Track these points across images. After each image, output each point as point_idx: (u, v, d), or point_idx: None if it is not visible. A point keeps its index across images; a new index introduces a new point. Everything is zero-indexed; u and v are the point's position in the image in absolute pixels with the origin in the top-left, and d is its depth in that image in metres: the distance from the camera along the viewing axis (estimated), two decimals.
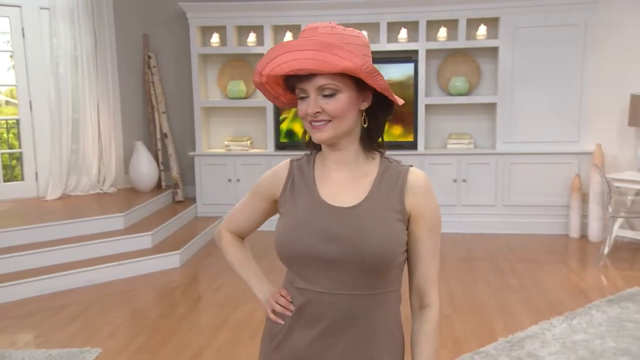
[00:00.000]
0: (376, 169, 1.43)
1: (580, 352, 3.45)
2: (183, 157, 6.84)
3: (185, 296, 4.60)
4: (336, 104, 1.34)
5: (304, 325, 1.43)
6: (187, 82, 6.72)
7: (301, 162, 1.50)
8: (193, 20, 6.45)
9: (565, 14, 5.86)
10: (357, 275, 1.37)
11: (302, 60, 1.29)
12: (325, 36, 1.31)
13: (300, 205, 1.44)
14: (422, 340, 1.43)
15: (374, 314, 1.40)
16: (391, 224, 1.37)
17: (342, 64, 1.28)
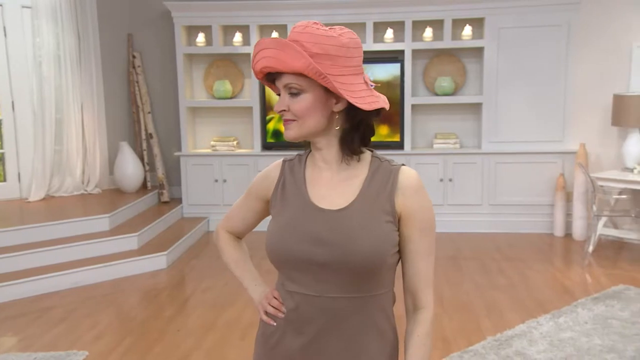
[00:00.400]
0: (366, 169, 1.41)
1: (567, 350, 3.48)
2: (168, 157, 6.79)
3: (172, 298, 4.57)
4: (300, 104, 1.34)
5: (295, 329, 1.43)
6: (172, 82, 6.67)
7: (293, 162, 1.50)
8: (178, 19, 6.40)
9: (548, 15, 5.92)
10: (347, 279, 1.35)
11: (268, 59, 1.31)
12: (295, 35, 1.31)
13: (290, 208, 1.43)
14: (414, 343, 1.40)
15: (366, 316, 1.39)
16: (381, 226, 1.35)
17: (294, 64, 1.28)
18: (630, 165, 5.47)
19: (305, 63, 1.27)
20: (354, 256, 1.32)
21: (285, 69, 1.31)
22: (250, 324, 3.99)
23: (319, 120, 1.36)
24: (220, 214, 6.42)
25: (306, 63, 1.27)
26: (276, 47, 1.29)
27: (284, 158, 1.52)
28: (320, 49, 1.29)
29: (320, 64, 1.28)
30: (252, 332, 3.85)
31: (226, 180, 6.40)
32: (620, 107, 5.47)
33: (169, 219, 6.15)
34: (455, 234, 6.01)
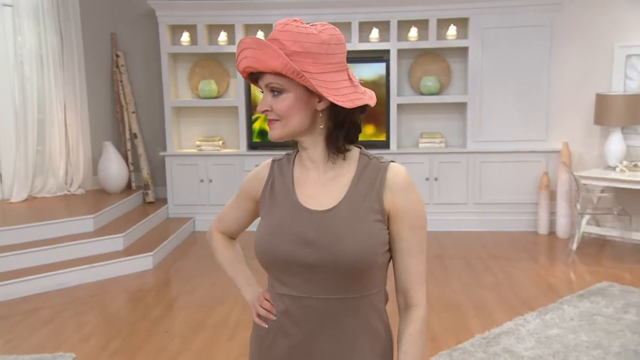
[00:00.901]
0: (354, 167, 1.39)
1: (554, 347, 3.52)
2: (153, 157, 6.75)
3: (159, 299, 4.54)
4: (281, 104, 1.33)
5: (286, 331, 1.42)
6: (156, 81, 6.63)
7: (282, 162, 1.48)
8: (162, 18, 6.36)
9: (531, 15, 5.98)
10: (336, 279, 1.34)
11: (248, 58, 1.31)
12: (275, 33, 1.30)
13: (278, 208, 1.42)
14: (406, 342, 1.38)
15: (357, 317, 1.37)
16: (369, 225, 1.33)
17: (272, 64, 1.28)
18: (613, 164, 5.54)
19: (282, 62, 1.26)
20: (341, 256, 1.31)
21: (265, 69, 1.30)
22: (238, 324, 3.98)
23: (302, 119, 1.34)
24: (207, 214, 6.40)
25: (283, 62, 1.26)
26: (255, 47, 1.29)
27: (274, 158, 1.51)
28: (300, 46, 1.27)
29: (300, 62, 1.27)
30: (241, 333, 3.84)
31: (212, 181, 6.37)
32: (603, 107, 5.54)
33: (154, 220, 6.10)
34: (441, 233, 6.05)
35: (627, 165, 5.43)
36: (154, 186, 6.71)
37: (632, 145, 5.62)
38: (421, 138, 6.27)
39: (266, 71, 1.31)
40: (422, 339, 1.39)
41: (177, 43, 6.51)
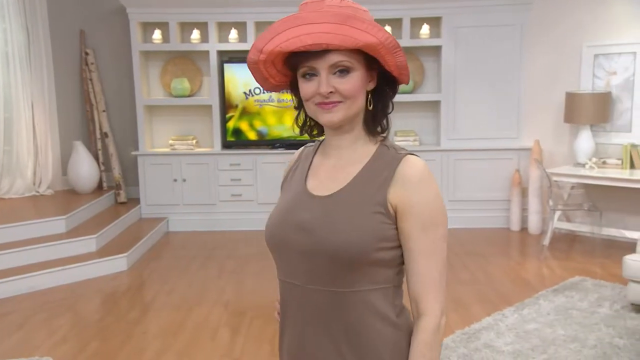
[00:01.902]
0: (369, 155, 1.31)
1: (533, 341, 3.58)
2: (125, 157, 6.63)
3: (135, 300, 4.47)
4: (350, 83, 1.24)
5: (289, 323, 1.37)
6: (127, 79, 6.52)
7: (309, 149, 1.44)
8: (133, 15, 6.26)
9: (502, 15, 6.07)
10: (330, 269, 1.25)
11: (317, 35, 1.17)
12: (335, 9, 1.19)
13: (287, 193, 1.39)
14: (413, 354, 1.26)
15: (350, 314, 1.27)
16: (366, 216, 1.24)
17: (365, 39, 1.18)
18: (582, 161, 5.66)
19: (382, 36, 1.18)
20: (329, 244, 1.23)
21: (349, 45, 1.18)
22: (219, 324, 3.94)
23: (363, 99, 1.28)
24: (180, 214, 6.33)
25: (384, 36, 1.18)
26: (337, 22, 1.17)
27: (307, 144, 1.45)
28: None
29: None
30: (222, 333, 3.81)
31: (186, 180, 6.30)
32: (572, 105, 5.66)
33: (127, 220, 6.01)
34: None
35: (596, 162, 5.55)
36: (126, 186, 6.59)
37: (601, 143, 5.75)
38: (395, 136, 6.31)
39: (347, 48, 1.19)
40: (431, 351, 1.25)
41: (148, 41, 6.42)
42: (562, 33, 5.96)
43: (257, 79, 1.34)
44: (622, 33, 5.64)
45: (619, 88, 5.71)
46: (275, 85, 1.36)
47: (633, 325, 3.78)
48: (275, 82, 1.35)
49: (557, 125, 6.03)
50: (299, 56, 1.23)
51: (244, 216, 6.30)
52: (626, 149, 5.49)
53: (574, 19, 5.90)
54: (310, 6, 1.22)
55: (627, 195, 5.53)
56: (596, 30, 5.80)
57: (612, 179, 5.33)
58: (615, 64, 5.73)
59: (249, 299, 4.44)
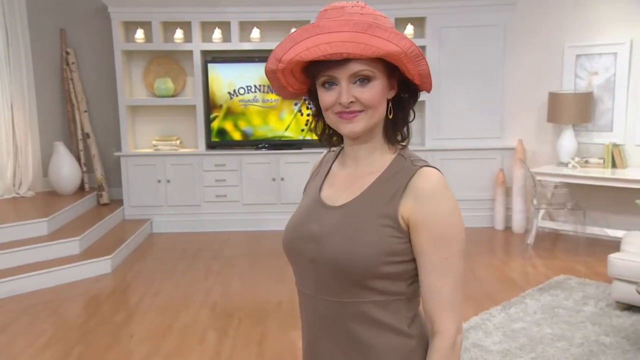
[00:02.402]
0: (385, 166, 1.29)
1: (520, 340, 3.60)
2: (107, 157, 6.55)
3: (121, 303, 4.41)
4: (371, 92, 1.21)
5: (304, 330, 1.38)
6: (109, 79, 6.44)
7: (330, 154, 1.42)
8: (115, 15, 6.18)
9: (486, 15, 6.11)
10: (335, 280, 1.24)
11: (337, 44, 1.15)
12: (356, 16, 1.17)
13: (304, 201, 1.39)
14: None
15: (358, 325, 1.25)
16: (374, 229, 1.21)
17: (387, 48, 1.15)
18: (565, 160, 5.72)
19: (405, 45, 1.16)
20: (335, 256, 1.22)
21: (370, 54, 1.16)
22: (207, 327, 3.91)
23: (384, 108, 1.26)
24: (164, 215, 6.28)
25: (407, 44, 1.16)
26: (357, 31, 1.14)
27: (329, 149, 1.43)
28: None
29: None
30: (211, 336, 3.78)
31: (170, 181, 6.25)
32: (555, 105, 5.71)
33: (110, 222, 5.93)
34: None
35: (579, 161, 5.62)
36: (109, 187, 6.52)
37: (583, 142, 5.82)
38: None
39: (368, 57, 1.17)
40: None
41: (131, 40, 6.35)
42: (545, 33, 6.02)
43: (274, 87, 1.31)
44: (603, 34, 5.70)
45: (601, 88, 5.77)
46: (293, 93, 1.34)
47: (618, 323, 3.82)
48: (293, 91, 1.33)
49: (540, 125, 6.08)
50: (318, 65, 1.21)
51: (229, 217, 6.27)
52: (608, 149, 5.55)
53: (556, 20, 5.96)
54: (331, 13, 1.20)
55: (609, 194, 5.60)
56: (578, 31, 5.86)
57: (594, 178, 5.39)
58: (596, 64, 5.80)
59: (236, 300, 4.41)
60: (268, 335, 3.77)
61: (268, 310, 4.17)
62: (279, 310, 4.17)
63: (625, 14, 5.56)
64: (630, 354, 3.42)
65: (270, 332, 3.81)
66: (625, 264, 3.91)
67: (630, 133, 5.60)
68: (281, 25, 6.29)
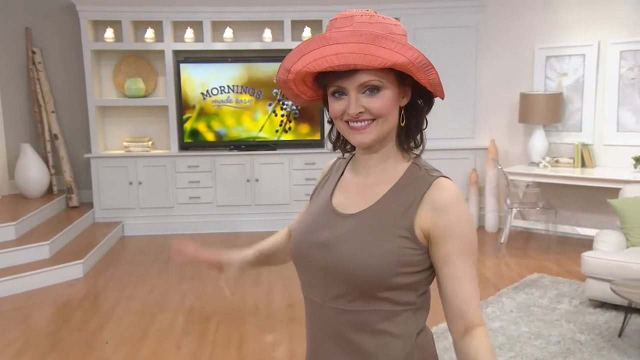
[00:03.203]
0: (399, 175, 1.27)
1: (499, 339, 3.64)
2: (76, 159, 6.41)
3: (94, 308, 4.32)
4: (381, 102, 1.20)
5: (310, 338, 1.37)
6: (78, 79, 6.30)
7: (341, 162, 1.41)
8: (84, 13, 6.06)
9: (458, 16, 6.17)
10: (346, 289, 1.23)
11: (344, 55, 1.15)
12: (364, 26, 1.17)
13: (314, 208, 1.37)
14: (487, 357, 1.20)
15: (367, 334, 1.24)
16: (389, 239, 1.20)
17: (393, 58, 1.15)
18: (536, 160, 5.81)
19: (412, 55, 1.15)
20: (347, 264, 1.21)
21: (377, 65, 1.16)
22: (185, 332, 3.85)
23: (395, 117, 1.25)
24: (137, 218, 6.17)
25: (414, 55, 1.15)
26: (364, 42, 1.14)
27: (338, 156, 1.42)
28: (401, 39, 1.19)
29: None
30: (188, 341, 3.72)
31: (142, 183, 6.14)
32: (526, 105, 5.80)
33: (80, 225, 5.80)
34: None
35: (550, 161, 5.71)
36: (78, 190, 6.38)
37: (553, 142, 5.92)
38: None
39: (374, 67, 1.16)
40: (494, 356, 1.23)
41: (100, 39, 6.22)
42: (515, 35, 6.10)
43: (288, 96, 1.31)
44: (571, 36, 5.81)
45: (570, 89, 5.88)
46: (307, 100, 1.34)
47: (592, 320, 3.89)
48: (307, 98, 1.33)
49: (512, 125, 6.16)
50: (328, 75, 1.21)
51: (203, 219, 6.20)
52: (577, 148, 5.66)
53: (526, 22, 6.04)
54: (340, 22, 1.21)
55: (579, 193, 5.71)
56: (547, 33, 5.96)
57: (564, 178, 5.49)
58: (565, 66, 5.90)
59: (213, 304, 4.35)
60: (247, 339, 3.74)
61: (245, 314, 4.13)
62: (257, 314, 4.13)
63: (592, 16, 5.67)
64: (605, 350, 3.49)
65: (248, 336, 3.77)
66: (598, 262, 3.99)
67: (599, 133, 5.72)
68: (254, 26, 6.25)
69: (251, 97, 6.22)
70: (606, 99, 5.66)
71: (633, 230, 4.21)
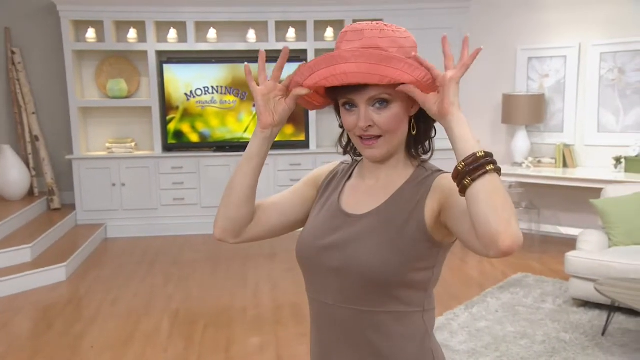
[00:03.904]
0: (407, 177, 1.31)
1: (485, 339, 3.67)
2: (58, 161, 6.33)
3: (79, 312, 4.27)
4: (389, 116, 1.24)
5: (315, 340, 1.36)
6: (59, 80, 6.22)
7: (345, 166, 1.44)
8: (65, 13, 5.98)
9: (440, 18, 6.20)
10: (361, 288, 1.25)
11: (353, 75, 1.19)
12: (374, 40, 1.20)
13: (322, 210, 1.37)
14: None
15: (380, 334, 1.26)
16: (402, 234, 1.23)
17: (401, 78, 1.18)
18: (519, 160, 5.87)
19: (419, 75, 1.18)
20: (362, 263, 1.23)
21: (383, 82, 1.19)
22: (171, 335, 3.82)
23: (404, 129, 1.28)
24: (120, 220, 6.12)
25: (421, 75, 1.18)
26: (373, 62, 1.17)
27: (342, 161, 1.46)
28: (403, 52, 1.22)
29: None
30: (175, 344, 3.70)
31: (125, 184, 6.08)
32: (509, 106, 5.86)
33: (62, 228, 5.73)
34: None
35: (532, 161, 5.77)
36: (59, 192, 6.30)
37: (536, 143, 5.98)
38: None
39: (383, 84, 1.20)
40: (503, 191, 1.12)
41: (81, 40, 6.15)
42: (498, 36, 6.16)
43: (300, 102, 1.32)
44: (552, 38, 5.88)
45: (552, 90, 5.95)
46: (319, 106, 1.38)
47: (576, 319, 3.94)
48: (318, 105, 1.37)
49: (495, 125, 6.22)
50: (338, 88, 1.24)
51: (187, 220, 6.16)
52: (559, 149, 5.73)
53: (508, 23, 6.10)
54: (350, 35, 1.23)
55: (561, 193, 5.78)
56: (529, 35, 6.03)
57: (546, 178, 5.56)
58: (547, 67, 5.97)
59: (199, 306, 4.33)
60: (235, 341, 3.72)
61: (233, 316, 4.11)
62: (244, 316, 4.12)
63: (573, 18, 5.74)
64: (589, 349, 3.53)
65: (236, 338, 3.76)
66: (581, 262, 4.04)
67: (580, 133, 5.80)
68: (238, 26, 6.23)
69: (236, 97, 6.19)
70: (587, 100, 5.74)
71: (615, 230, 4.27)
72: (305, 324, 3.93)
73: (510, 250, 1.05)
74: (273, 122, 1.30)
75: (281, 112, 1.30)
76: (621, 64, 5.54)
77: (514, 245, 1.05)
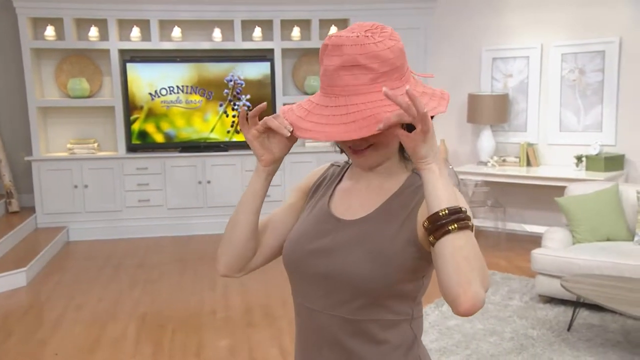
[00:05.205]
0: (401, 183, 1.27)
1: (455, 337, 3.70)
2: (16, 162, 6.15)
3: (41, 318, 4.14)
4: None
5: (303, 347, 1.33)
6: (17, 79, 6.05)
7: (335, 169, 1.40)
8: (22, 10, 5.81)
9: (407, 18, 6.24)
10: (348, 296, 1.22)
11: (344, 134, 1.15)
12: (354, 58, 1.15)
13: (310, 214, 1.34)
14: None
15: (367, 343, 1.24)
16: (393, 244, 1.20)
17: (390, 122, 1.12)
18: (484, 159, 5.95)
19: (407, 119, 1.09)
20: (350, 271, 1.20)
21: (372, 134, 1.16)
22: (139, 340, 3.74)
23: (396, 138, 1.21)
24: (83, 222, 5.97)
25: (400, 117, 1.10)
26: (352, 128, 1.15)
27: (333, 162, 1.42)
28: (389, 65, 1.16)
29: (388, 82, 1.16)
30: (143, 349, 3.61)
31: (87, 186, 5.94)
32: (474, 105, 5.93)
33: (22, 231, 5.56)
34: None
35: (497, 160, 5.85)
36: (18, 194, 6.11)
37: (500, 142, 6.07)
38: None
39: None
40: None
41: (40, 38, 5.98)
42: (463, 37, 6.23)
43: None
44: (515, 38, 5.97)
45: (515, 90, 6.05)
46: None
47: (542, 315, 4.01)
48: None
49: (461, 125, 6.28)
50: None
51: (153, 222, 6.05)
52: (523, 148, 5.82)
53: (473, 24, 6.18)
54: (330, 50, 1.17)
55: (525, 191, 5.87)
56: (493, 35, 6.11)
57: (511, 176, 5.64)
58: (511, 67, 6.06)
59: (168, 309, 4.25)
60: (205, 345, 3.66)
61: (202, 319, 4.05)
62: (214, 319, 4.06)
63: (536, 20, 5.84)
64: (556, 345, 3.59)
65: (206, 342, 3.70)
66: (547, 259, 4.11)
67: (543, 133, 5.90)
68: (204, 25, 6.15)
69: (201, 97, 6.11)
70: (549, 99, 5.85)
71: (579, 227, 4.36)
72: (276, 325, 3.90)
73: (467, 312, 1.06)
74: (274, 158, 1.29)
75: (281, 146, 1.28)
76: (581, 64, 5.67)
77: (472, 308, 1.06)
